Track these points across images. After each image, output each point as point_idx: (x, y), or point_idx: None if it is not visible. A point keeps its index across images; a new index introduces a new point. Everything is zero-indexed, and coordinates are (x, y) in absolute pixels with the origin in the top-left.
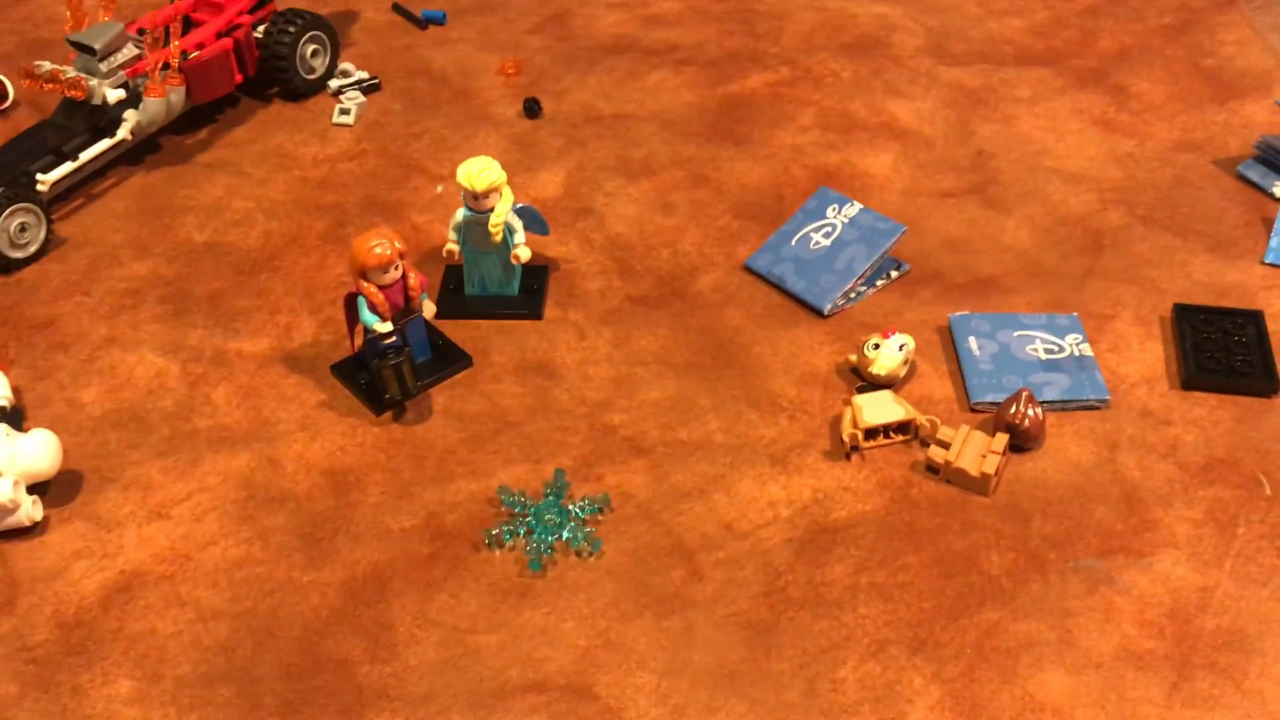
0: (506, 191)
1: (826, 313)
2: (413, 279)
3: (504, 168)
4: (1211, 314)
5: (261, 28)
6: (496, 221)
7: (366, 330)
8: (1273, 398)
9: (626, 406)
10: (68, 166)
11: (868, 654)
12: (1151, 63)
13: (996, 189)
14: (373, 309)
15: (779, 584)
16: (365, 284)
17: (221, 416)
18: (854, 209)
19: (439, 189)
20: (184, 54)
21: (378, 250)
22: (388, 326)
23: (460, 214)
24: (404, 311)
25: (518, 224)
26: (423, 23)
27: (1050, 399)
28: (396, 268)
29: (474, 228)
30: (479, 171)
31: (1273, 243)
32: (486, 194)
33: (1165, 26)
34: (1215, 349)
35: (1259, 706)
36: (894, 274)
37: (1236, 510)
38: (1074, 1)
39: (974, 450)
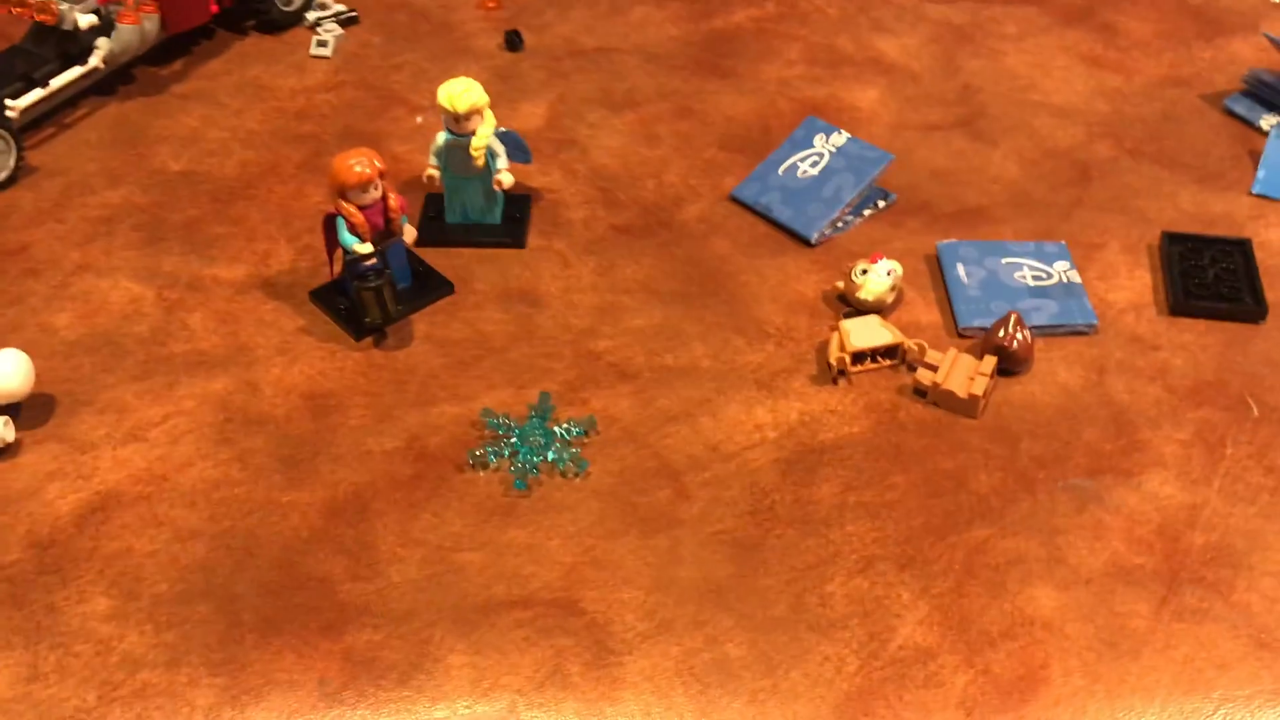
0: (489, 115)
1: (814, 241)
2: (393, 200)
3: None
4: (1199, 242)
5: None
6: (479, 145)
7: (346, 252)
8: (1260, 323)
9: (611, 333)
10: (38, 93)
11: (855, 570)
12: (1138, 0)
13: (983, 122)
14: (352, 230)
15: (766, 503)
16: (345, 204)
17: (198, 341)
18: (842, 138)
19: (419, 119)
20: None
21: (357, 168)
22: (368, 248)
23: (441, 138)
24: (384, 234)
25: (500, 149)
26: None
27: (1039, 324)
28: (376, 188)
29: (455, 152)
30: (461, 92)
31: (1260, 174)
32: (468, 116)
33: None
34: (1203, 276)
35: (1246, 619)
36: (881, 204)
37: (1224, 431)
38: None
39: (962, 373)
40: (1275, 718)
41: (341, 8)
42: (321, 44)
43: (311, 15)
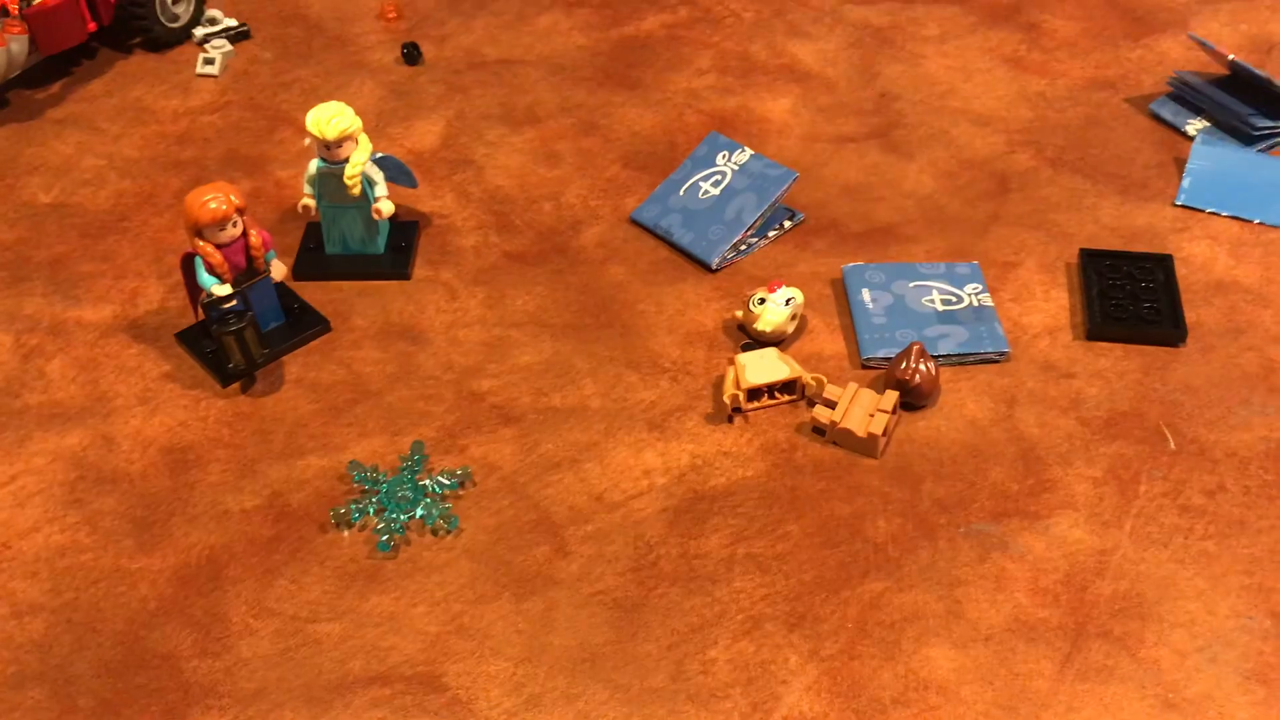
0: (364, 140)
1: (715, 266)
2: (254, 237)
3: (379, 118)
4: (1119, 259)
5: None
6: (352, 173)
7: (205, 294)
8: (1179, 346)
9: (497, 372)
10: None
11: (741, 631)
12: None
13: (900, 132)
14: (211, 270)
15: (650, 558)
16: (201, 243)
17: (55, 391)
18: (744, 155)
19: (307, 141)
20: (26, 1)
21: (212, 205)
22: (227, 289)
23: (314, 165)
24: (247, 273)
25: (378, 175)
26: None
27: (947, 352)
28: (235, 224)
29: (329, 180)
30: (329, 118)
31: (1184, 184)
32: (340, 143)
33: None
34: (1122, 296)
35: (1154, 676)
36: (787, 224)
37: (1139, 467)
38: None
39: (862, 409)
40: None
41: (232, 22)
42: (209, 62)
43: (199, 31)
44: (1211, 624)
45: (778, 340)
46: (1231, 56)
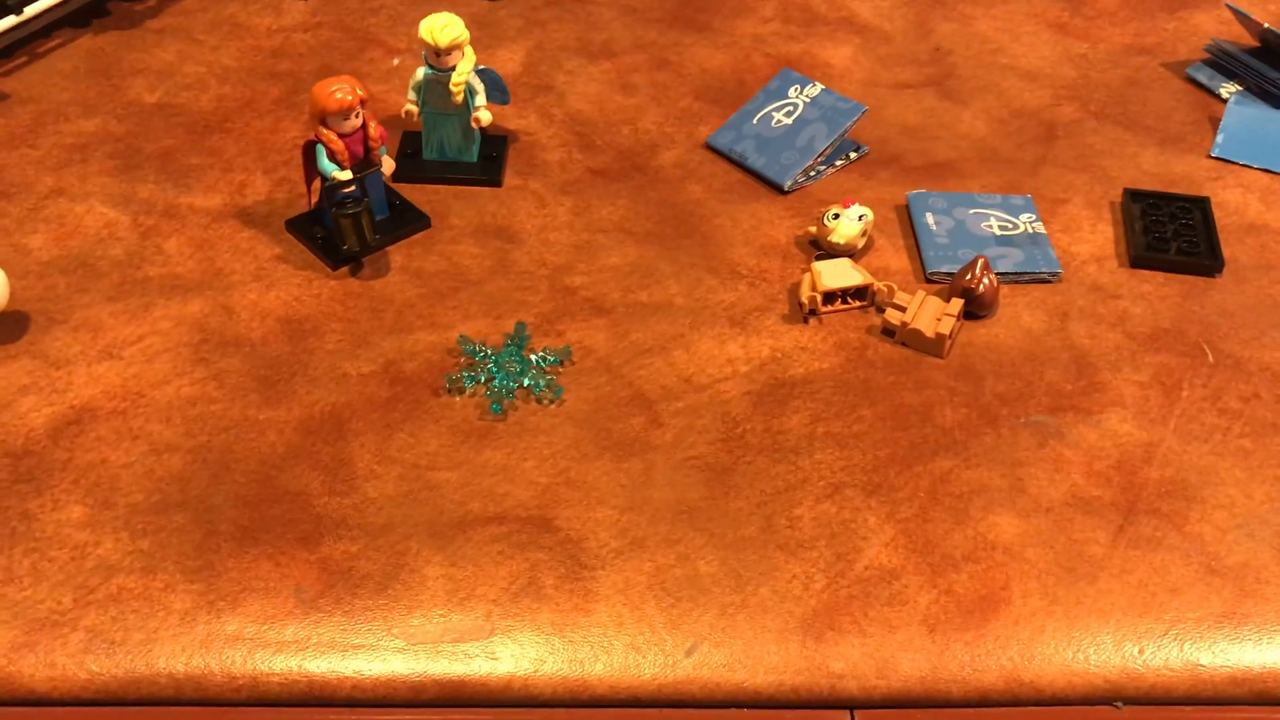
0: (469, 52)
1: (787, 188)
2: (373, 129)
3: None
4: (1160, 199)
5: None
6: (458, 80)
7: (325, 179)
8: (1215, 276)
9: (587, 270)
10: (10, 20)
11: (823, 495)
12: None
13: (953, 82)
14: (332, 157)
15: (737, 431)
16: (325, 131)
17: (174, 265)
18: (816, 89)
19: (395, 62)
20: None
21: (339, 94)
22: (347, 175)
23: (420, 73)
24: (364, 164)
25: (479, 86)
26: None
27: (1004, 271)
28: (357, 115)
29: (434, 87)
30: (442, 26)
31: (1219, 138)
32: (449, 51)
33: None
34: (1163, 231)
35: (1199, 547)
36: (853, 155)
37: (1181, 375)
38: None
39: (929, 314)
40: (1222, 638)
41: None
42: None
43: None
44: (1249, 507)
45: (850, 252)
46: (1267, 25)
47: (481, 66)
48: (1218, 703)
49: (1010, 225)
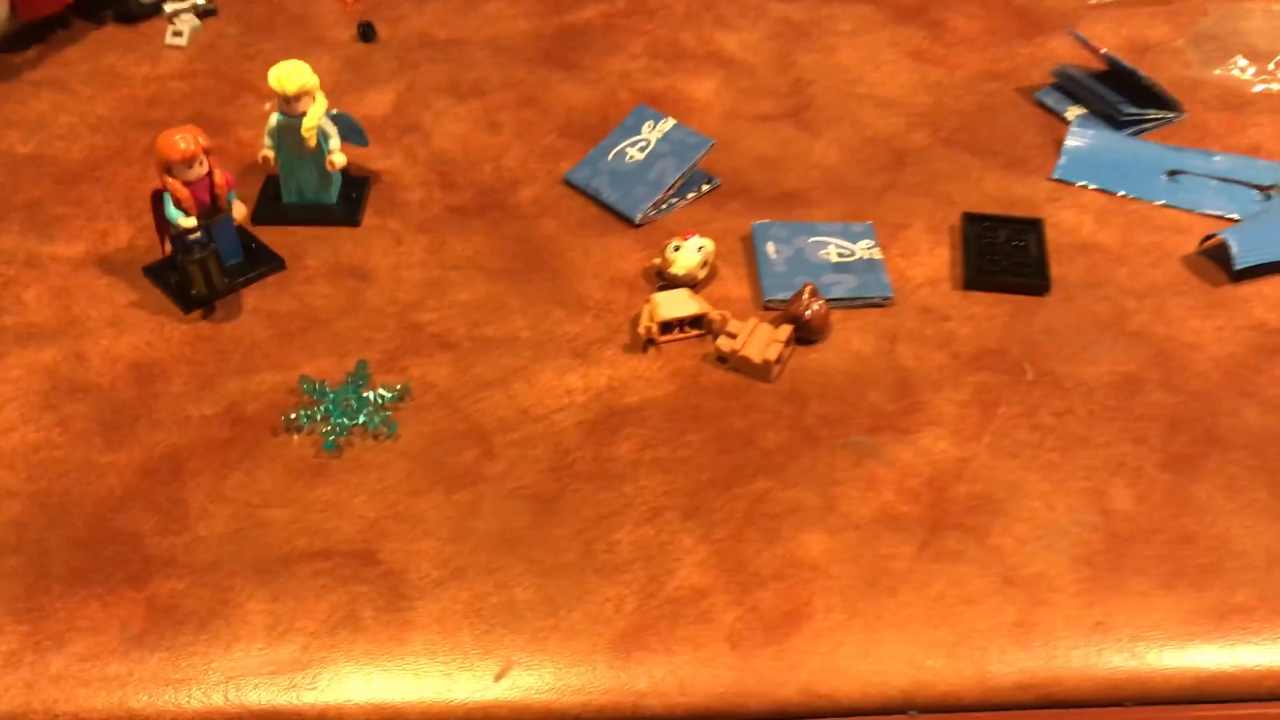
0: (320, 97)
1: (638, 221)
2: (219, 176)
3: (334, 88)
4: (996, 222)
5: None
6: (309, 125)
7: (172, 226)
8: (1044, 296)
9: (436, 306)
10: None
11: (644, 519)
12: (968, 0)
13: (811, 113)
14: (178, 205)
15: (567, 460)
16: (170, 179)
17: (30, 315)
18: (668, 125)
19: (267, 106)
20: None
21: (180, 144)
22: (192, 222)
23: (274, 119)
24: (211, 210)
25: (332, 130)
26: None
27: (838, 296)
28: (201, 164)
29: (288, 133)
30: (289, 74)
31: (1061, 160)
32: (298, 97)
33: None
34: (996, 253)
35: (998, 559)
36: (705, 187)
37: (1000, 393)
38: None
39: (760, 340)
40: (1012, 645)
41: (200, 0)
42: (177, 34)
43: (169, 7)
44: (1050, 519)
45: (691, 282)
46: (1104, 51)
47: (334, 111)
48: (1005, 708)
49: (848, 252)
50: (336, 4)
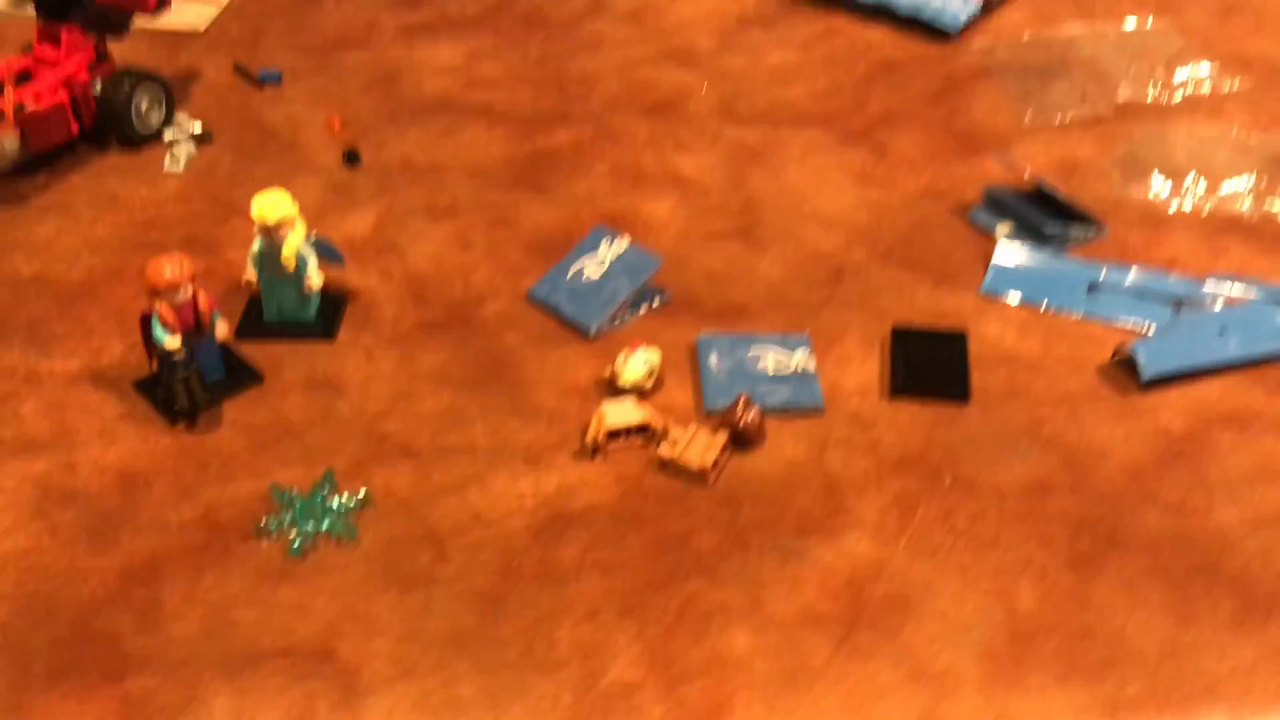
0: (299, 224)
1: (593, 334)
2: (203, 300)
3: (319, 210)
4: (923, 334)
5: (99, 83)
6: (287, 253)
7: (157, 347)
8: (965, 404)
9: (403, 416)
10: None
11: (583, 619)
12: (912, 123)
13: (758, 231)
14: (165, 326)
15: (515, 563)
16: (157, 303)
17: (26, 427)
18: (623, 244)
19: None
20: (20, 106)
21: (168, 273)
22: (177, 342)
23: (256, 245)
24: (195, 331)
25: (310, 254)
26: (259, 81)
27: (773, 405)
28: (187, 290)
29: (269, 257)
30: (269, 205)
31: (988, 275)
32: (278, 226)
33: (930, 92)
34: (923, 364)
35: (908, 655)
36: (657, 301)
37: (919, 498)
38: (852, 72)
39: (698, 447)
40: None
41: (197, 128)
42: (174, 160)
43: (168, 135)
44: (959, 617)
45: (637, 392)
46: (1029, 173)
47: (314, 235)
48: None
49: (785, 363)
50: (325, 131)
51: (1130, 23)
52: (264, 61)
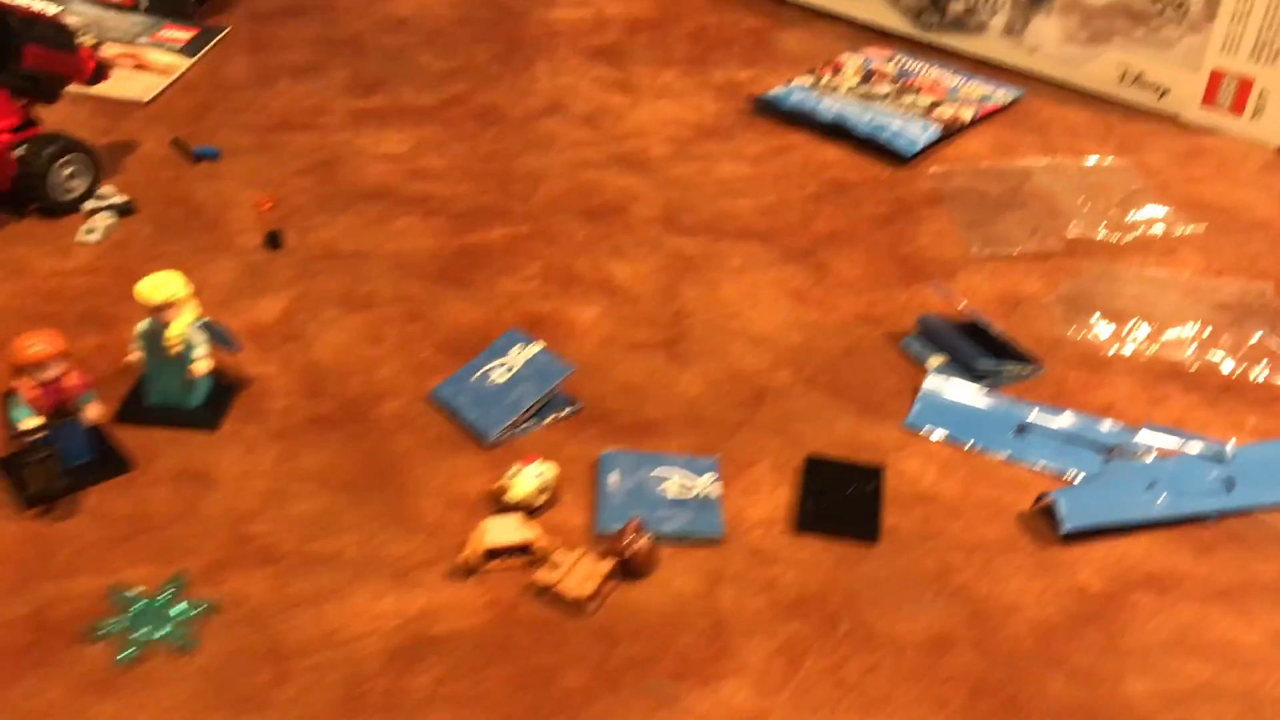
0: (190, 306)
1: (492, 442)
2: (74, 379)
3: (231, 291)
4: (838, 467)
5: (21, 148)
6: (172, 335)
7: (11, 427)
8: (873, 545)
9: (272, 518)
10: None
11: None
12: (856, 245)
13: (684, 344)
14: (24, 405)
15: (359, 690)
16: (20, 380)
17: None
18: (535, 349)
19: None
20: None
21: (31, 349)
22: (35, 422)
23: (142, 324)
24: (60, 412)
25: (199, 339)
26: (195, 157)
27: (669, 531)
28: (56, 367)
29: (154, 339)
30: (156, 286)
31: (915, 409)
32: (164, 307)
33: (878, 215)
34: (833, 499)
35: None
36: (566, 411)
37: (810, 645)
38: (803, 189)
39: (580, 574)
40: None
41: (120, 199)
42: (90, 230)
43: (89, 204)
44: None
45: (527, 508)
46: (963, 304)
47: (205, 319)
48: None
49: (688, 487)
50: (253, 212)
51: (1091, 160)
52: (206, 138)
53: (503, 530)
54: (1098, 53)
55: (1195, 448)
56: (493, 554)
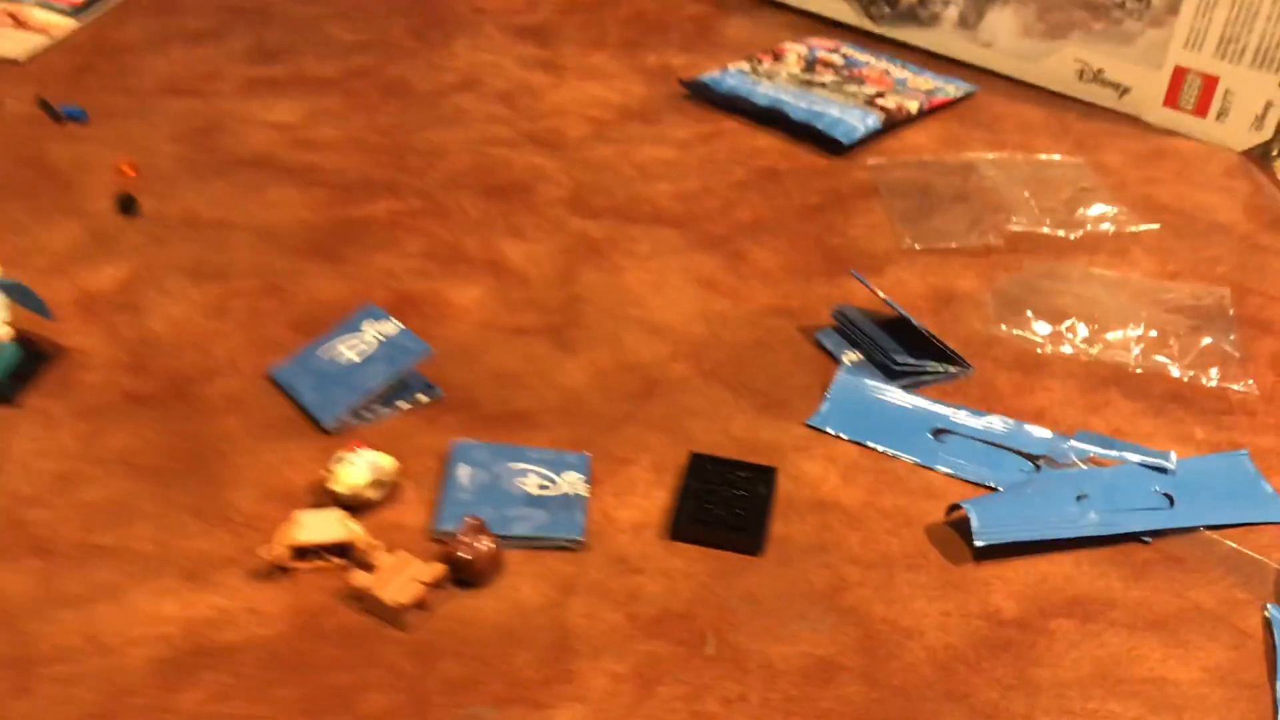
0: None
1: (330, 428)
2: None
3: (69, 256)
4: (725, 466)
5: None
6: None
7: None
8: (757, 556)
9: (55, 505)
10: None
11: None
12: (779, 235)
13: (573, 331)
14: None
15: (116, 706)
16: None
17: None
18: (391, 327)
19: None
20: None
21: None
22: None
23: None
24: None
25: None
26: (60, 117)
27: (520, 534)
28: None
29: None
30: None
31: (822, 407)
32: None
33: (807, 205)
34: (715, 502)
35: None
36: (423, 398)
37: (668, 668)
38: (729, 176)
39: (402, 579)
40: None
41: None
42: None
43: None
44: None
45: (354, 504)
46: (883, 296)
47: (8, 280)
48: None
49: (549, 485)
50: (114, 176)
51: (1042, 156)
52: (82, 101)
53: (318, 526)
54: (1055, 48)
55: (1134, 458)
56: (304, 553)
